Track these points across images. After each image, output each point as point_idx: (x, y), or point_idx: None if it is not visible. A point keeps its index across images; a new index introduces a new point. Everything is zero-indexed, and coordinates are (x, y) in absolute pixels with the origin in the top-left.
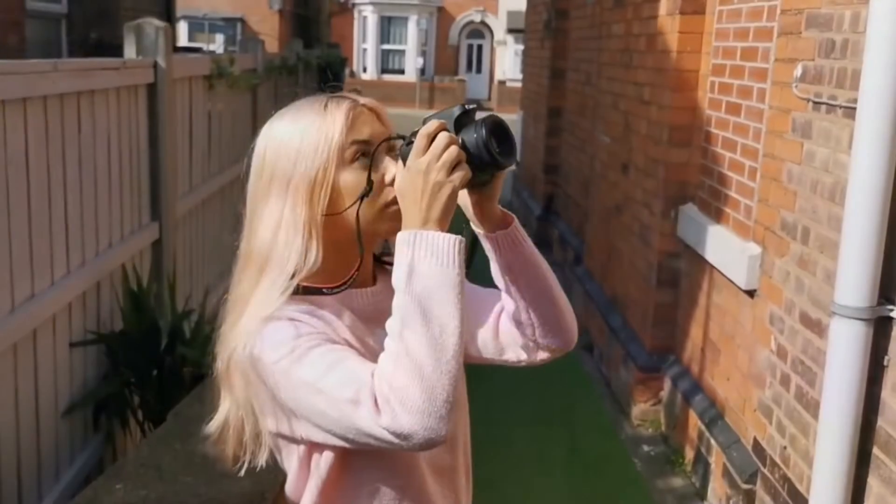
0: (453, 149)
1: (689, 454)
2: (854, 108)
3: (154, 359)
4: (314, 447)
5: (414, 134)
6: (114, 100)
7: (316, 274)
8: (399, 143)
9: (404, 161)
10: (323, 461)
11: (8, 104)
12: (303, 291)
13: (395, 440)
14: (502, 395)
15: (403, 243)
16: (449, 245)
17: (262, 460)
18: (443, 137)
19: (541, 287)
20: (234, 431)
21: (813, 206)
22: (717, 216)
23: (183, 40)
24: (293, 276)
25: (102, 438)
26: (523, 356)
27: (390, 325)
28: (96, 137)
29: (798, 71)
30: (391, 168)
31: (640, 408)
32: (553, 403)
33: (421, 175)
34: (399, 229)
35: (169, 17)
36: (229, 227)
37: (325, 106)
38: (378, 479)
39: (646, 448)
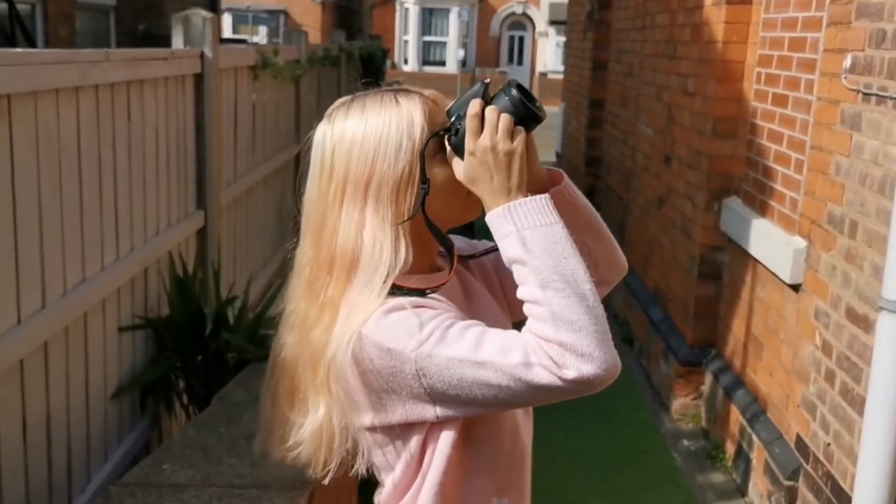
0: (505, 117)
1: (730, 449)
2: None
3: (199, 344)
4: (431, 434)
5: (454, 124)
6: (162, 89)
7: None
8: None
9: (456, 151)
10: (442, 440)
11: (61, 92)
12: (404, 294)
13: (581, 387)
14: None
15: (500, 218)
16: (545, 204)
17: (360, 468)
18: (491, 111)
19: (596, 229)
20: (326, 440)
21: (861, 200)
22: (762, 209)
23: (227, 32)
24: (387, 276)
25: (149, 421)
26: None
27: (527, 293)
28: (145, 126)
29: (847, 61)
30: (456, 164)
31: (680, 402)
32: (592, 397)
33: (489, 152)
34: (479, 210)
35: (214, 9)
36: (273, 217)
37: (397, 101)
38: (491, 449)
39: (686, 443)
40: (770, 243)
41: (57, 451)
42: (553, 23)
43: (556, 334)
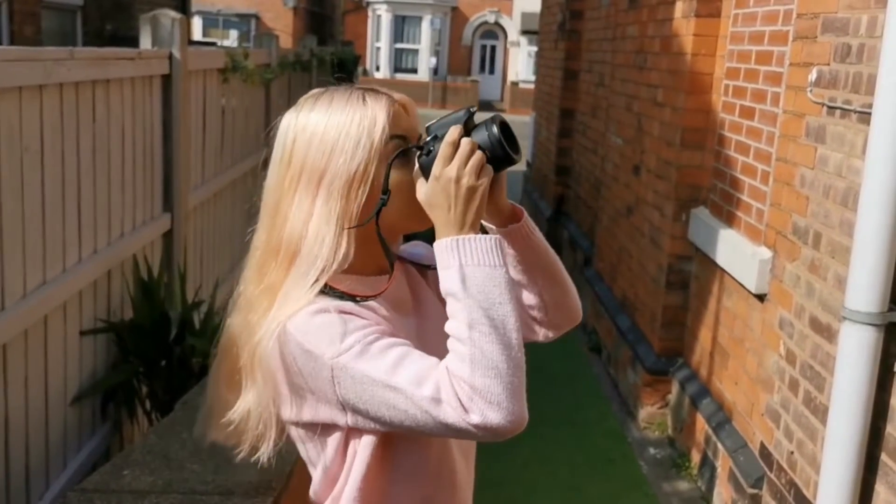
0: (478, 154)
1: (696, 458)
2: (869, 113)
3: (163, 349)
4: (352, 432)
5: (428, 144)
6: (128, 90)
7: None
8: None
9: (423, 170)
10: (363, 445)
11: (25, 90)
12: (336, 297)
13: (484, 434)
14: None
15: (447, 250)
16: (493, 246)
17: (274, 451)
18: (466, 144)
19: (551, 272)
20: (254, 422)
21: (825, 211)
22: (729, 219)
23: (197, 36)
24: (323, 270)
25: (110, 427)
26: (533, 336)
27: (454, 328)
28: (111, 127)
29: (813, 75)
30: (420, 185)
31: (647, 410)
32: (560, 405)
33: (452, 183)
34: (429, 224)
35: (184, 11)
36: (240, 221)
37: (364, 100)
38: (415, 460)
39: (652, 451)
40: (736, 253)
41: (15, 455)
42: (525, 32)
43: (470, 376)
